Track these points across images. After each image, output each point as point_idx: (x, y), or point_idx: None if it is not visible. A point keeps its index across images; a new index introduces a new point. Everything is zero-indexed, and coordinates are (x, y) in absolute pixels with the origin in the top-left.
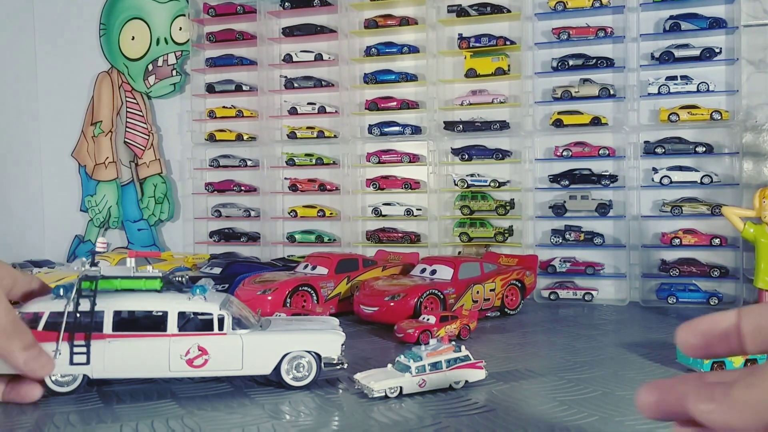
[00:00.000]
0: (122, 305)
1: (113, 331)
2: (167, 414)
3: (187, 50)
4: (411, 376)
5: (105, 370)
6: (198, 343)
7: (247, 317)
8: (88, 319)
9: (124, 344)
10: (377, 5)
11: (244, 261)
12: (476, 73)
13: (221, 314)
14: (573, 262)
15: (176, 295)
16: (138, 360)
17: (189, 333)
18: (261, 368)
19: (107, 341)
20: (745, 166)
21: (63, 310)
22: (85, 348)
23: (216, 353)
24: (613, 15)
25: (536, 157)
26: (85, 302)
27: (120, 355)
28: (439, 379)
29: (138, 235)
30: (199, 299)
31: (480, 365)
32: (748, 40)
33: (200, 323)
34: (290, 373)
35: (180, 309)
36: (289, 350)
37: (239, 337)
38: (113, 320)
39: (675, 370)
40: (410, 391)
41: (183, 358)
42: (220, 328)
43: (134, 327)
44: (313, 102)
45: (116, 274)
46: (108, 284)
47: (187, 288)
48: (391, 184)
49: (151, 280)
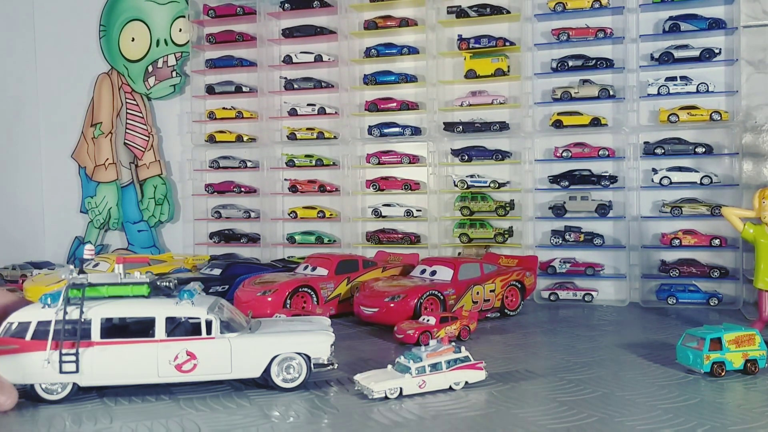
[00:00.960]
0: (110, 312)
1: (102, 339)
2: (166, 414)
3: (187, 51)
4: (411, 377)
5: (94, 378)
6: (186, 348)
7: (236, 320)
8: (77, 327)
9: (113, 351)
10: (377, 6)
11: (244, 262)
12: (476, 74)
13: (209, 318)
14: (573, 262)
15: (164, 301)
16: (127, 367)
17: (177, 338)
18: (250, 371)
19: (95, 348)
20: (744, 167)
21: (51, 318)
22: (74, 356)
23: (204, 358)
24: (612, 16)
25: (536, 158)
26: (72, 310)
27: (109, 362)
28: (439, 380)
29: (138, 236)
30: (186, 304)
31: (480, 366)
32: (747, 41)
33: (189, 328)
34: (280, 374)
35: (167, 314)
36: (279, 352)
37: (227, 340)
38: (101, 327)
39: (675, 370)
40: (410, 392)
41: (172, 363)
42: (208, 332)
43: (123, 333)
44: (313, 103)
45: (103, 281)
46: (95, 291)
47: (175, 293)
48: (391, 185)
49: (139, 286)
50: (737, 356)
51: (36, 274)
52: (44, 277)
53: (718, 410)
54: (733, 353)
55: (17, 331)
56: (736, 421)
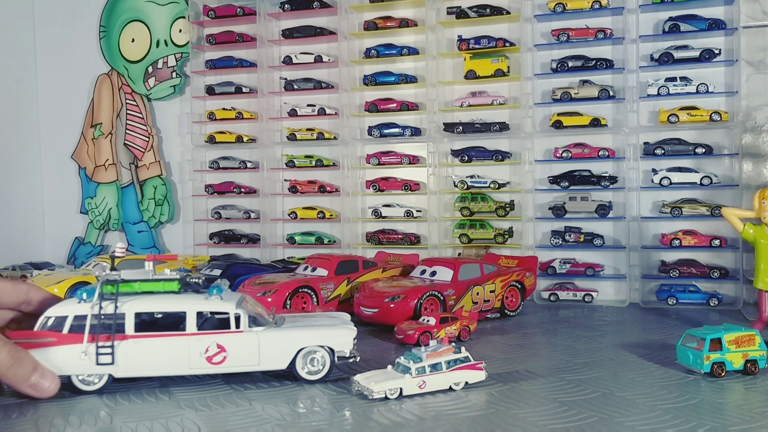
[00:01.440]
0: (143, 307)
1: (135, 332)
2: (166, 414)
3: (187, 52)
4: (411, 378)
5: (129, 369)
6: (216, 341)
7: (262, 315)
8: (111, 321)
9: (146, 344)
10: (377, 7)
11: (244, 263)
12: (476, 75)
13: (237, 312)
14: (573, 263)
15: (194, 296)
16: (160, 359)
17: (207, 332)
18: (277, 363)
19: (130, 341)
20: (744, 167)
21: (86, 313)
22: (110, 349)
23: (234, 350)
24: (612, 16)
25: (536, 159)
26: (107, 305)
27: (143, 354)
28: (439, 380)
29: (138, 237)
30: (215, 299)
31: (480, 366)
32: (747, 42)
33: (218, 322)
34: (305, 367)
35: (198, 309)
36: (304, 345)
37: (255, 334)
38: (135, 321)
39: (675, 371)
40: (410, 393)
41: (203, 355)
42: (237, 326)
43: (155, 327)
44: (313, 104)
45: (135, 277)
46: (128, 287)
47: (204, 289)
48: (390, 186)
49: (170, 282)
50: (737, 357)
51: (36, 275)
52: (44, 278)
53: (719, 410)
54: (733, 353)
55: (54, 325)
56: (736, 421)
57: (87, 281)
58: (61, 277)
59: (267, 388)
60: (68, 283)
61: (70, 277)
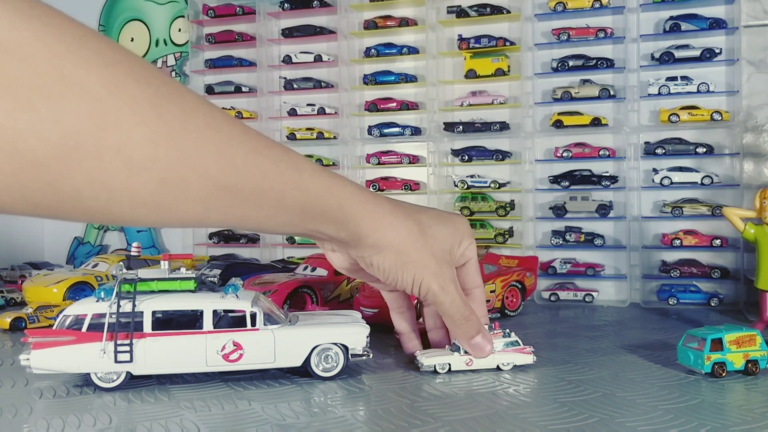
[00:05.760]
0: (160, 306)
1: (153, 330)
2: (166, 414)
3: (187, 51)
4: (459, 356)
5: (147, 367)
6: (233, 339)
7: (276, 313)
8: (130, 320)
9: (164, 342)
10: (377, 6)
11: (243, 263)
12: (476, 74)
13: (253, 311)
14: (573, 263)
15: (210, 295)
16: (177, 356)
17: (224, 330)
18: (292, 360)
19: (148, 340)
20: (745, 167)
21: (105, 312)
22: (128, 347)
23: (250, 348)
24: (613, 16)
25: (536, 158)
26: (125, 304)
27: (160, 352)
28: (486, 359)
29: (137, 236)
30: (231, 297)
31: (528, 351)
32: (748, 41)
33: (234, 320)
34: (320, 364)
35: (214, 307)
36: (318, 343)
37: (271, 332)
38: (153, 320)
39: (675, 371)
40: (458, 368)
41: (219, 353)
42: (253, 324)
43: (172, 325)
44: (313, 103)
45: (152, 276)
46: (145, 286)
47: (220, 287)
48: (390, 185)
49: (186, 281)
50: (738, 357)
51: (35, 275)
52: (43, 278)
53: (720, 411)
54: (734, 354)
55: (72, 324)
56: (737, 421)
57: (87, 281)
58: (61, 277)
59: (267, 388)
60: (67, 283)
61: (70, 277)
